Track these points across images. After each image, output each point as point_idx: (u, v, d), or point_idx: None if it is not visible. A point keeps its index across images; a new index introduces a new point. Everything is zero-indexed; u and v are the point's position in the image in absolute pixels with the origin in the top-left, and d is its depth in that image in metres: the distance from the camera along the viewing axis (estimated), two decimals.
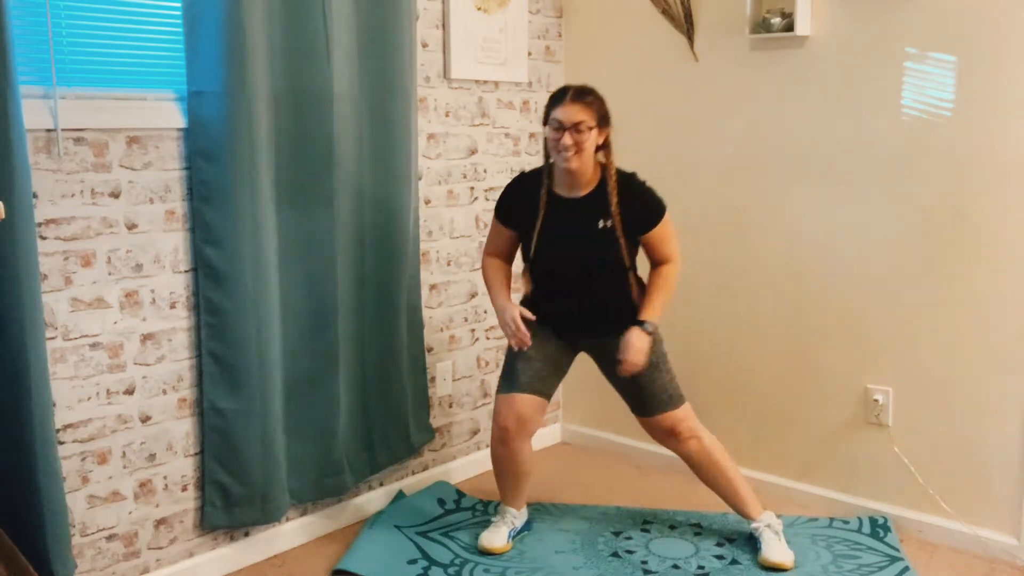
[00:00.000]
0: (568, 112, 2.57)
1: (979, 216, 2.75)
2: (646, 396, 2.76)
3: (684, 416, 2.77)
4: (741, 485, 2.80)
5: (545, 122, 2.65)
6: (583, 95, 2.61)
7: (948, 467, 2.87)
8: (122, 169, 2.38)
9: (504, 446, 2.78)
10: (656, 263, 2.72)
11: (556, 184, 2.71)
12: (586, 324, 2.76)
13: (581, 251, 2.67)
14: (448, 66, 3.18)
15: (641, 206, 2.68)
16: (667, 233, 2.71)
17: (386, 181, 2.93)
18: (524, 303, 2.80)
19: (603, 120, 2.63)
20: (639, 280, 2.76)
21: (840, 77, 2.96)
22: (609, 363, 2.78)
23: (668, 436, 2.79)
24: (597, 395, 3.07)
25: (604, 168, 2.68)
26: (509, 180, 2.84)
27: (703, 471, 2.81)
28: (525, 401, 2.75)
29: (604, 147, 2.66)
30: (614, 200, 2.64)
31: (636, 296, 2.73)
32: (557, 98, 2.62)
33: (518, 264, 2.85)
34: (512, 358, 2.79)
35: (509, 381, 2.78)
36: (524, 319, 2.68)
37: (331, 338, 2.80)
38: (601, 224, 2.65)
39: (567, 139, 2.58)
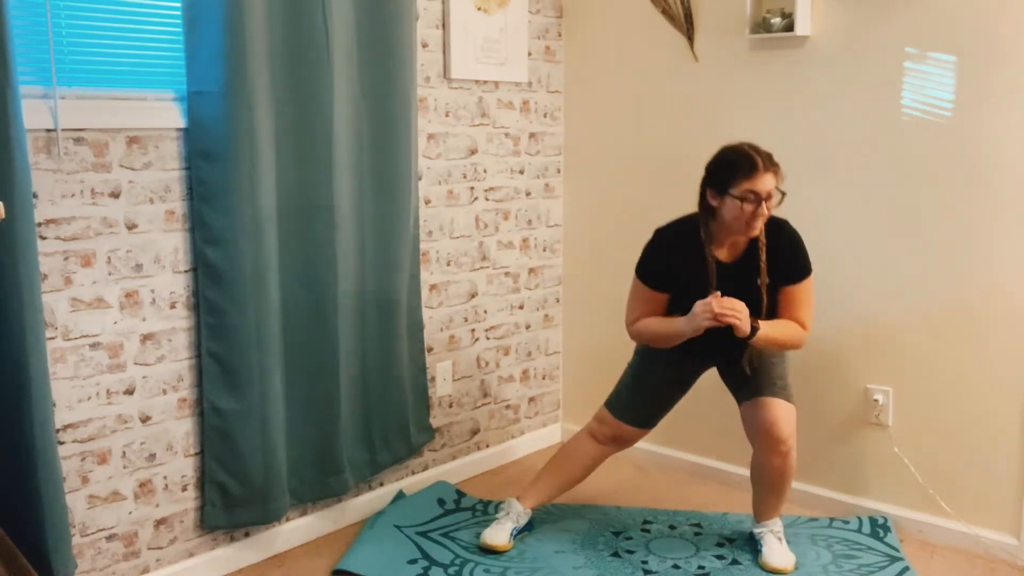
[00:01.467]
0: (765, 183, 2.46)
1: (979, 216, 2.75)
2: (761, 375, 2.65)
3: (789, 416, 2.62)
4: (782, 503, 2.76)
5: (723, 192, 2.49)
6: (772, 161, 2.50)
7: (948, 467, 2.87)
8: (122, 169, 2.38)
9: (592, 441, 2.84)
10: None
11: (712, 244, 2.59)
12: (723, 352, 2.68)
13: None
14: (448, 66, 3.18)
15: (790, 259, 2.59)
16: (808, 296, 2.60)
17: (386, 181, 2.93)
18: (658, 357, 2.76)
19: (780, 185, 2.53)
20: None
21: (840, 77, 2.96)
22: (733, 367, 2.72)
23: (763, 432, 2.63)
24: (597, 395, 3.06)
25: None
26: (649, 242, 2.67)
27: (766, 485, 2.71)
28: (631, 432, 2.82)
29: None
30: (763, 256, 2.55)
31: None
32: (746, 168, 2.47)
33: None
34: (631, 386, 2.80)
35: (625, 407, 2.80)
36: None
37: (331, 338, 2.80)
38: (758, 282, 2.56)
39: (764, 210, 2.47)
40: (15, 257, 2.08)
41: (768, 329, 2.55)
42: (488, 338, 3.49)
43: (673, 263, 2.62)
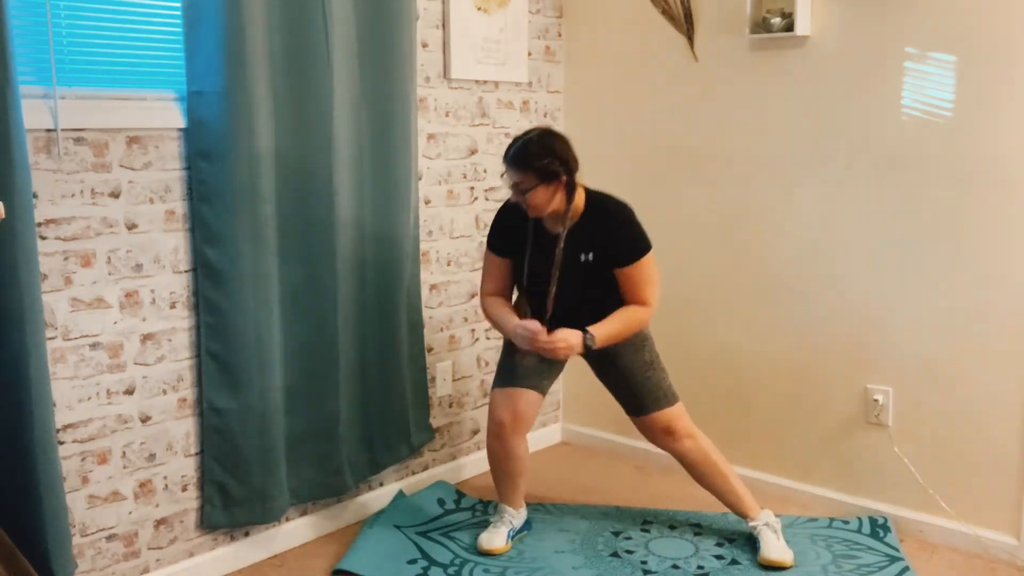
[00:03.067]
0: (509, 173, 2.61)
1: (979, 216, 2.75)
2: (640, 395, 2.75)
3: (678, 415, 2.77)
4: (737, 484, 2.80)
5: None
6: (521, 160, 2.57)
7: (948, 467, 2.87)
8: (122, 169, 2.38)
9: (500, 441, 2.79)
10: (629, 303, 2.67)
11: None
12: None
13: (562, 283, 2.64)
14: (448, 66, 3.18)
15: (617, 242, 2.63)
16: (644, 275, 2.64)
17: (386, 181, 2.93)
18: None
19: (547, 176, 2.57)
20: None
21: (840, 77, 2.96)
22: (603, 366, 2.81)
23: (663, 435, 2.78)
24: (597, 395, 3.07)
25: (586, 201, 2.65)
26: (496, 210, 2.83)
27: (699, 471, 2.80)
28: (521, 395, 2.76)
29: (568, 189, 2.61)
30: (562, 240, 2.62)
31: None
32: (506, 154, 2.63)
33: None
34: (508, 355, 2.80)
35: (505, 376, 2.80)
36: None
37: (331, 338, 2.80)
38: (583, 257, 2.64)
39: (514, 196, 2.63)
40: (15, 257, 2.08)
41: (605, 332, 2.62)
42: (488, 338, 3.49)
43: (509, 230, 2.77)
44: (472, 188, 3.34)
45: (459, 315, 3.38)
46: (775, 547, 2.70)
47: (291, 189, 2.67)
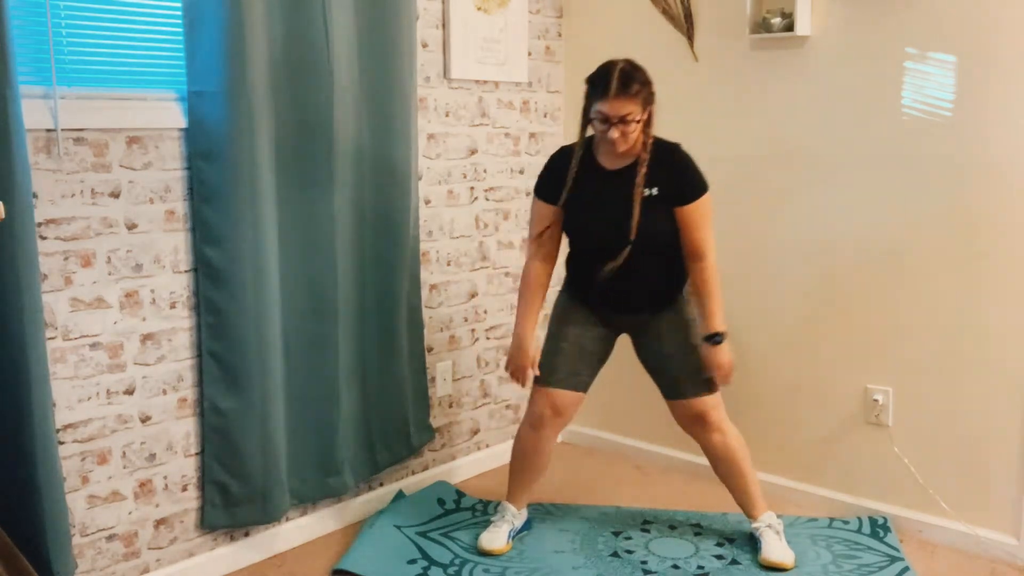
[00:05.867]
0: (614, 107, 2.47)
1: (979, 216, 2.75)
2: (680, 378, 2.70)
3: (714, 404, 2.71)
4: (753, 485, 2.78)
5: (586, 108, 2.55)
6: (628, 87, 2.47)
7: (948, 467, 2.87)
8: (122, 169, 2.38)
9: (535, 432, 2.78)
10: (689, 255, 2.62)
11: (599, 154, 2.64)
12: (625, 300, 2.70)
13: (622, 220, 2.57)
14: (448, 66, 3.18)
15: (680, 177, 2.59)
16: (702, 215, 2.59)
17: (386, 181, 2.93)
18: (567, 281, 2.81)
19: (648, 103, 2.54)
20: (679, 260, 2.66)
21: (840, 77, 2.96)
22: (645, 344, 2.76)
23: (695, 423, 2.73)
24: (597, 395, 3.06)
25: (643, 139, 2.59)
26: (549, 158, 2.76)
27: (720, 465, 2.78)
28: (562, 396, 2.76)
29: (647, 121, 2.57)
30: (642, 171, 2.55)
31: (673, 275, 2.67)
32: (600, 88, 2.49)
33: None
34: (552, 350, 2.76)
35: (547, 373, 2.77)
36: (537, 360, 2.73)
37: (331, 338, 2.80)
38: (647, 193, 2.57)
39: (614, 132, 2.50)
40: (15, 257, 2.08)
41: (717, 318, 2.62)
42: (488, 338, 3.49)
43: (557, 174, 2.67)
44: (472, 188, 3.34)
45: (459, 315, 3.38)
46: (776, 548, 2.70)
47: (291, 188, 2.67)
